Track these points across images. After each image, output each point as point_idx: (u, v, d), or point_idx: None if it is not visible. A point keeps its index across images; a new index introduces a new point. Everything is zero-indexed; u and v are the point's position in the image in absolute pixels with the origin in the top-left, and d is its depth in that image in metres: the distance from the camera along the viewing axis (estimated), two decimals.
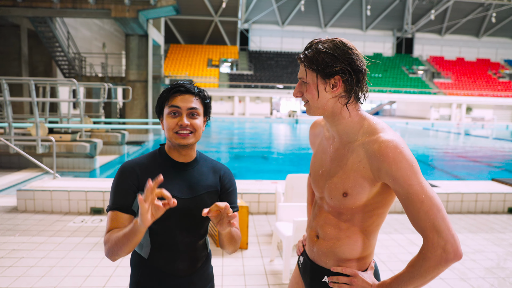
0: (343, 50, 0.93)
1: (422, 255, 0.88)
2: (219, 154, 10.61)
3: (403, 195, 0.88)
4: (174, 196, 1.05)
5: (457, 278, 2.65)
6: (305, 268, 1.15)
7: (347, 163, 0.97)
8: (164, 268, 1.09)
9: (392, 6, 33.26)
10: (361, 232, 1.01)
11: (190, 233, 1.10)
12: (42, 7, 11.14)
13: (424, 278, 0.88)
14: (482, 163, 9.86)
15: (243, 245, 3.10)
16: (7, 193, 4.84)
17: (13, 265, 2.67)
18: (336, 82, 0.94)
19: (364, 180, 0.93)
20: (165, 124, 1.08)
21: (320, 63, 0.92)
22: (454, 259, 0.85)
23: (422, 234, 0.88)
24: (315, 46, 0.95)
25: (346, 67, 0.92)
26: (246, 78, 30.08)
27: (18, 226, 3.50)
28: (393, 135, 0.92)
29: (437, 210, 0.86)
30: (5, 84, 5.60)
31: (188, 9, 29.50)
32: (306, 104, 1.00)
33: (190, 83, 1.11)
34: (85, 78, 14.49)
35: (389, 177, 0.89)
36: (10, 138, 5.72)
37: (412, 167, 0.88)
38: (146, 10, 11.53)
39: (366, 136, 0.95)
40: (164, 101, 1.09)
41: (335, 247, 1.03)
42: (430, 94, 30.35)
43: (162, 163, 1.10)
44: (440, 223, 0.85)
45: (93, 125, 7.46)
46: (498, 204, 4.36)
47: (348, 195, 0.96)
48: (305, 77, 0.96)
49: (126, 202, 1.04)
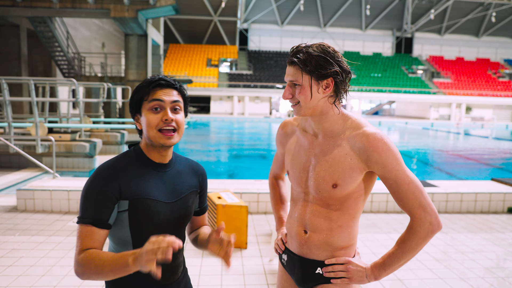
0: (332, 54, 1.00)
1: (412, 230, 1.00)
2: (219, 154, 10.61)
3: (392, 180, 1.00)
4: (160, 201, 0.98)
5: (456, 278, 2.66)
6: (292, 265, 1.17)
7: (333, 156, 1.05)
8: (149, 278, 0.99)
9: (391, 6, 33.27)
10: (350, 219, 1.09)
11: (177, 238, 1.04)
12: (41, 7, 11.14)
13: (414, 251, 1.00)
14: (482, 163, 9.87)
15: (242, 244, 3.11)
16: (7, 193, 4.84)
17: (13, 264, 2.67)
18: (329, 83, 1.01)
19: (353, 171, 1.02)
20: (145, 122, 0.97)
21: (315, 66, 0.98)
22: (438, 229, 1.00)
23: (410, 212, 1.00)
24: (306, 50, 1.00)
25: (338, 69, 0.99)
26: (246, 77, 30.08)
27: (18, 225, 3.50)
28: (376, 129, 1.02)
29: (420, 191, 0.99)
30: (5, 84, 5.60)
31: (187, 9, 29.49)
32: (297, 105, 1.04)
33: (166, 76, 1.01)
34: (85, 78, 14.49)
35: (378, 165, 1.00)
36: (10, 138, 5.72)
37: (398, 155, 1.00)
38: (145, 10, 11.52)
39: (351, 130, 1.04)
40: (143, 96, 0.97)
41: (329, 238, 1.09)
42: (430, 94, 30.37)
43: (141, 165, 0.99)
44: (425, 201, 0.99)
45: (93, 124, 7.46)
46: (498, 204, 4.37)
47: (338, 186, 1.04)
48: (299, 79, 1.00)
49: (103, 216, 0.91)
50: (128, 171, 0.97)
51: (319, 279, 1.11)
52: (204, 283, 2.50)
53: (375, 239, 3.41)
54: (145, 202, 0.96)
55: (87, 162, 6.81)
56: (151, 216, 0.97)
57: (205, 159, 9.45)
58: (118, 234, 0.98)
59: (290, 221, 1.18)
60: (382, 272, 1.04)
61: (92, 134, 8.51)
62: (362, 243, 3.31)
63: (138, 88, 0.99)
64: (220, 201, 3.16)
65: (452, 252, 3.13)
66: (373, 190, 4.24)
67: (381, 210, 4.25)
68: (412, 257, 1.02)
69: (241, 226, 3.09)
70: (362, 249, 3.19)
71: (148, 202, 0.96)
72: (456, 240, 3.42)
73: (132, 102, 1.00)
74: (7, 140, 5.64)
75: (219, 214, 3.10)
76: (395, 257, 1.02)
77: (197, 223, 1.19)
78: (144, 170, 0.99)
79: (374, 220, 3.94)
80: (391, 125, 24.59)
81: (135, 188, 0.96)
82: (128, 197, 0.95)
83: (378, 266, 1.05)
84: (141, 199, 0.96)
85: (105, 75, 14.63)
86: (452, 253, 3.12)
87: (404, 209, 1.02)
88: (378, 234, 3.53)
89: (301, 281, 1.16)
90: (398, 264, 1.03)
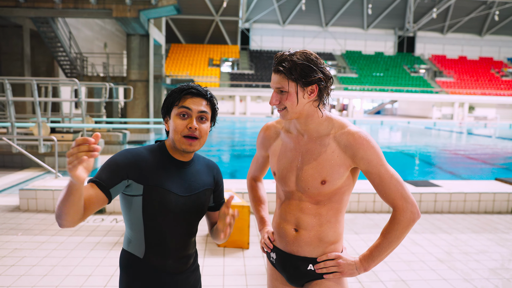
0: (315, 61, 1.06)
1: (396, 220, 1.08)
2: (221, 153, 10.60)
3: (376, 174, 1.07)
4: (173, 192, 1.05)
5: (460, 279, 2.64)
6: (282, 263, 1.21)
7: (320, 154, 1.11)
8: (160, 266, 1.08)
9: (393, 5, 33.14)
10: (337, 214, 1.15)
11: (186, 230, 1.10)
12: (44, 7, 11.17)
13: (398, 239, 1.08)
14: (485, 163, 9.80)
15: (244, 245, 3.09)
16: (9, 192, 4.86)
17: (15, 264, 2.67)
18: (313, 89, 1.07)
19: (340, 167, 1.09)
20: (172, 126, 1.05)
21: (300, 74, 1.04)
22: (418, 217, 1.08)
23: (393, 203, 1.08)
24: (290, 58, 1.05)
25: (322, 76, 1.05)
26: (247, 77, 30.07)
27: (20, 225, 3.51)
28: (359, 128, 1.10)
29: (401, 184, 1.08)
30: (8, 84, 5.61)
31: (189, 9, 29.51)
32: (283, 110, 1.09)
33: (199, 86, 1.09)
34: (87, 78, 14.53)
35: (364, 160, 1.07)
36: (13, 138, 5.74)
37: (380, 152, 1.08)
38: (147, 10, 11.53)
39: (336, 130, 1.11)
40: (174, 101, 1.05)
41: (319, 234, 1.14)
42: (432, 93, 30.23)
43: (162, 158, 1.08)
44: (406, 193, 1.08)
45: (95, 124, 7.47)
46: (502, 204, 4.33)
47: (327, 182, 1.09)
48: (286, 86, 1.06)
49: (107, 181, 0.98)
50: (148, 159, 1.05)
51: (311, 275, 1.16)
52: (206, 283, 2.49)
53: None
54: (159, 191, 1.03)
55: None
56: (163, 205, 1.03)
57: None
58: (132, 218, 1.05)
59: (278, 221, 1.22)
60: (371, 263, 1.10)
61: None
62: (365, 243, 3.29)
63: (170, 93, 1.08)
64: None
65: (456, 253, 3.10)
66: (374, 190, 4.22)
67: (383, 210, 4.22)
68: (396, 246, 1.09)
69: (243, 226, 3.08)
70: (365, 249, 3.17)
71: (161, 191, 1.03)
72: (460, 241, 3.39)
73: (163, 106, 1.09)
74: (10, 140, 5.66)
75: None
76: (381, 248, 1.09)
77: (215, 218, 1.26)
78: (164, 163, 1.07)
79: (376, 220, 3.92)
80: (393, 124, 24.50)
81: (152, 176, 1.03)
82: (143, 182, 1.02)
83: (367, 258, 1.11)
84: (155, 187, 1.02)
85: (107, 75, 14.66)
86: (456, 253, 3.09)
87: (387, 200, 1.09)
88: None
89: (293, 279, 1.20)
90: (385, 254, 1.09)
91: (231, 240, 3.10)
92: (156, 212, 1.03)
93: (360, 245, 3.26)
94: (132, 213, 1.05)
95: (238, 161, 9.51)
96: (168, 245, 1.07)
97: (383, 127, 21.81)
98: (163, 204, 1.03)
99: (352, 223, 3.82)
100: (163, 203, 1.03)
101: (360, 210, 4.21)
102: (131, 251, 1.09)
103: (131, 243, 1.08)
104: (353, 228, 3.67)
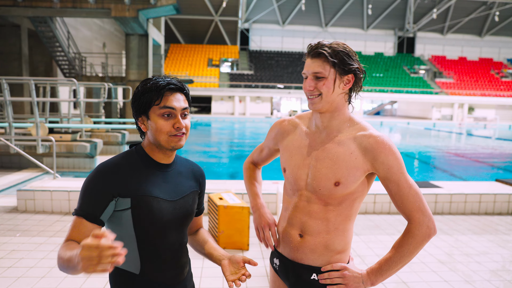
0: (353, 53, 1.04)
1: (410, 233, 1.01)
2: (220, 154, 10.58)
3: (395, 182, 1.02)
4: (162, 199, 0.99)
5: (462, 280, 2.62)
6: (285, 270, 1.16)
7: (337, 154, 1.05)
8: (158, 279, 1.02)
9: (393, 5, 33.17)
10: (346, 221, 1.09)
11: (178, 236, 1.05)
12: (42, 6, 11.13)
13: (412, 254, 1.01)
14: (486, 164, 9.80)
15: (244, 246, 3.07)
16: (7, 193, 4.82)
17: (13, 265, 2.64)
18: (349, 79, 1.04)
19: (357, 170, 1.03)
20: (154, 127, 0.97)
21: (340, 60, 1.01)
22: (434, 234, 1.03)
23: (409, 215, 1.02)
24: (329, 45, 1.03)
25: (359, 66, 1.03)
26: (247, 78, 30.05)
27: (18, 226, 3.48)
28: (381, 132, 1.07)
29: (420, 196, 1.02)
30: (6, 84, 5.58)
31: (188, 9, 29.48)
32: (317, 98, 1.05)
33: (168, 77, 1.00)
34: (85, 78, 14.49)
35: (384, 166, 1.02)
36: (11, 138, 5.70)
37: (401, 160, 1.04)
38: (146, 10, 11.50)
39: (357, 131, 1.06)
40: (152, 100, 0.96)
41: (326, 241, 1.08)
42: (432, 94, 30.26)
43: (143, 164, 1.01)
44: (423, 205, 1.02)
45: (94, 125, 7.44)
46: (503, 205, 4.32)
47: (341, 184, 1.04)
48: (324, 71, 1.02)
49: (95, 211, 0.92)
50: (129, 169, 0.98)
51: (314, 285, 1.10)
52: (205, 285, 2.46)
53: (379, 240, 3.37)
54: (147, 200, 0.97)
55: (88, 163, 6.79)
56: (154, 214, 0.98)
57: (206, 159, 9.42)
58: (122, 234, 0.98)
59: (283, 225, 1.16)
60: (379, 277, 1.04)
61: (93, 134, 8.49)
62: (366, 245, 3.26)
63: (145, 91, 0.97)
64: (222, 202, 3.12)
65: (457, 255, 3.08)
66: (376, 191, 4.20)
67: (384, 211, 4.20)
68: (408, 261, 1.02)
69: (242, 227, 3.05)
70: (366, 251, 3.15)
71: (150, 199, 0.97)
72: (460, 242, 3.37)
73: (138, 104, 0.98)
74: (8, 141, 5.63)
75: (221, 215, 3.06)
76: (392, 262, 1.02)
77: (194, 224, 1.21)
78: (146, 169, 1.00)
79: (377, 222, 3.90)
80: (393, 125, 24.50)
81: (137, 186, 0.97)
82: (129, 195, 0.95)
83: (375, 271, 1.04)
84: (143, 197, 0.96)
85: (106, 75, 14.62)
86: (457, 255, 3.07)
87: (403, 211, 1.03)
88: (382, 236, 3.48)
89: (295, 287, 1.14)
90: (395, 269, 1.02)
91: (231, 241, 3.08)
92: (147, 222, 0.97)
93: (361, 246, 3.23)
94: (123, 229, 0.98)
95: (237, 162, 9.49)
96: (163, 255, 1.02)
97: (382, 128, 21.81)
98: (153, 213, 0.97)
99: None
100: (154, 212, 0.97)
101: (360, 211, 4.19)
102: (125, 268, 1.01)
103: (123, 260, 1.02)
104: (354, 229, 3.65)
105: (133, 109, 1.01)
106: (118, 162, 0.98)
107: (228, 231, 3.04)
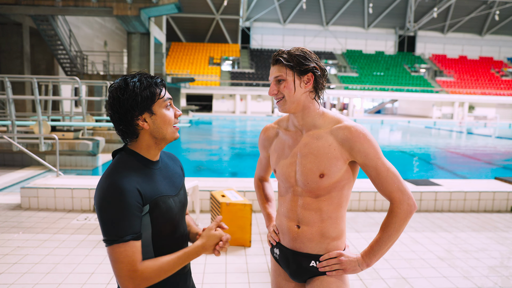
0: (309, 54, 1.13)
1: (394, 213, 1.09)
2: (221, 152, 10.61)
3: (373, 167, 1.09)
4: (170, 195, 1.01)
5: (460, 276, 2.65)
6: (285, 259, 1.24)
7: (318, 148, 1.13)
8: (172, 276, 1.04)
9: (394, 4, 33.09)
10: (337, 209, 1.16)
11: (182, 230, 1.08)
12: (44, 5, 11.16)
13: (397, 232, 1.09)
14: (485, 162, 9.83)
15: (246, 242, 3.11)
16: (11, 191, 4.86)
17: (18, 262, 2.69)
18: (309, 78, 1.12)
19: (337, 160, 1.11)
20: (160, 120, 0.97)
21: (296, 62, 1.10)
22: (414, 209, 1.10)
23: (390, 196, 1.10)
24: (287, 51, 1.12)
25: (316, 65, 1.12)
26: (248, 76, 30.04)
27: (22, 223, 3.52)
28: (355, 122, 1.13)
29: (398, 177, 1.10)
30: (8, 82, 5.62)
31: (189, 7, 29.46)
32: (282, 101, 1.14)
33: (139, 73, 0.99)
34: (87, 76, 14.51)
35: (361, 154, 1.09)
36: (13, 136, 5.74)
37: (377, 146, 1.10)
38: (147, 8, 11.52)
39: (332, 124, 1.14)
40: (154, 95, 0.96)
41: (321, 229, 1.16)
42: (432, 92, 30.23)
43: (143, 166, 0.99)
44: (402, 185, 1.09)
45: (96, 123, 7.48)
46: (501, 203, 4.35)
47: (325, 175, 1.11)
48: (283, 74, 1.11)
49: (138, 227, 0.91)
50: (137, 175, 0.95)
51: (313, 271, 1.18)
52: (208, 281, 2.50)
53: None
54: (162, 200, 0.99)
55: (90, 160, 6.82)
56: (169, 212, 1.00)
57: (208, 157, 9.45)
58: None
59: (280, 218, 1.24)
60: (373, 258, 1.12)
61: (95, 132, 8.53)
62: (366, 242, 3.30)
63: (142, 91, 0.94)
64: (224, 199, 3.16)
65: (456, 251, 3.12)
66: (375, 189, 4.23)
67: (384, 209, 4.24)
68: (396, 239, 1.11)
69: (245, 224, 3.09)
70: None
71: (164, 199, 1.00)
72: (460, 239, 3.41)
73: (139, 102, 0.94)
74: (11, 138, 5.67)
75: (223, 213, 3.10)
76: (382, 242, 1.10)
77: None
78: (147, 170, 0.99)
79: (377, 219, 3.93)
80: (393, 123, 24.50)
81: (150, 189, 0.97)
82: (148, 200, 0.95)
83: (368, 253, 1.13)
84: (159, 198, 0.98)
85: (107, 73, 14.66)
86: (456, 251, 3.11)
87: (384, 193, 1.11)
88: None
89: (295, 274, 1.22)
90: (386, 248, 1.11)
91: (233, 238, 3.11)
92: (161, 222, 0.98)
93: (362, 243, 3.27)
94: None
95: (239, 160, 9.52)
96: (173, 246, 1.03)
97: (383, 127, 21.82)
98: (167, 211, 0.99)
99: (353, 221, 3.84)
100: (168, 211, 0.99)
101: (361, 208, 4.22)
102: None
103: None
104: (354, 226, 3.69)
105: (127, 111, 0.94)
106: (124, 173, 0.93)
107: (230, 228, 3.08)
